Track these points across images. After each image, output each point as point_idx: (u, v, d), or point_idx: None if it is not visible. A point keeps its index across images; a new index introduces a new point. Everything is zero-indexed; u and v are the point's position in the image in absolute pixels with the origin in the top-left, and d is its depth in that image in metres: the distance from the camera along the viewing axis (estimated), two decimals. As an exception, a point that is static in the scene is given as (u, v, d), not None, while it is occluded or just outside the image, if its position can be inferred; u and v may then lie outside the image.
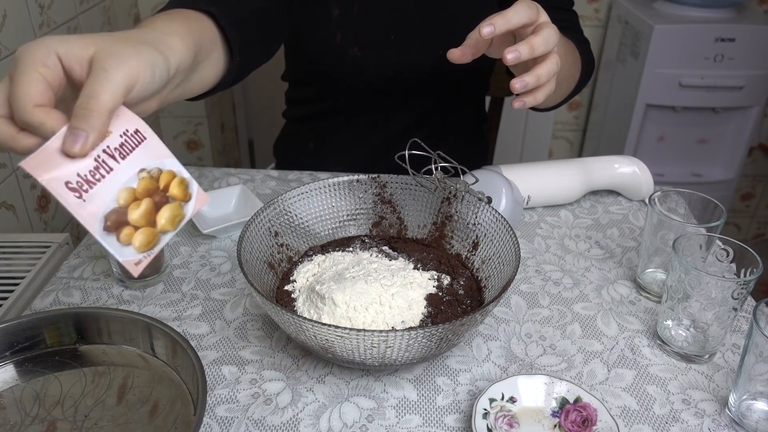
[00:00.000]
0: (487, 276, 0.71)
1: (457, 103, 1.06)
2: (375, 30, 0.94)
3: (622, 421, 0.61)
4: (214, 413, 0.61)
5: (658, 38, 1.74)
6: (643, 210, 0.94)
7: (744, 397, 0.60)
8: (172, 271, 0.80)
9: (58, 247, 0.84)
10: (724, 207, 0.72)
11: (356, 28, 0.93)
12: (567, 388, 0.61)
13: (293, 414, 0.61)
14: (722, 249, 0.66)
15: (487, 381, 0.65)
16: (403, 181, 0.79)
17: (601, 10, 2.04)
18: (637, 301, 0.77)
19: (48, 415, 0.59)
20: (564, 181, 0.92)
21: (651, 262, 0.77)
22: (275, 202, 0.74)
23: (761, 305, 0.58)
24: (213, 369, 0.66)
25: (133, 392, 0.62)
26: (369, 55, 0.94)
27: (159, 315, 0.73)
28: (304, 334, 0.58)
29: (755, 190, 2.29)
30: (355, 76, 0.96)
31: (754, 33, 1.73)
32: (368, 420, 0.61)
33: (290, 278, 0.72)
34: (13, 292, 0.76)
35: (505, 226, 0.70)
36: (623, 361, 0.68)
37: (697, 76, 1.77)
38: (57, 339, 0.66)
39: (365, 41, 0.94)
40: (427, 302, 0.67)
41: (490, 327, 0.72)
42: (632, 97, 1.84)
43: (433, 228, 0.79)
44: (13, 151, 0.46)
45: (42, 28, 1.14)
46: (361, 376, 0.65)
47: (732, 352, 0.69)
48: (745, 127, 1.87)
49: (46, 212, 1.17)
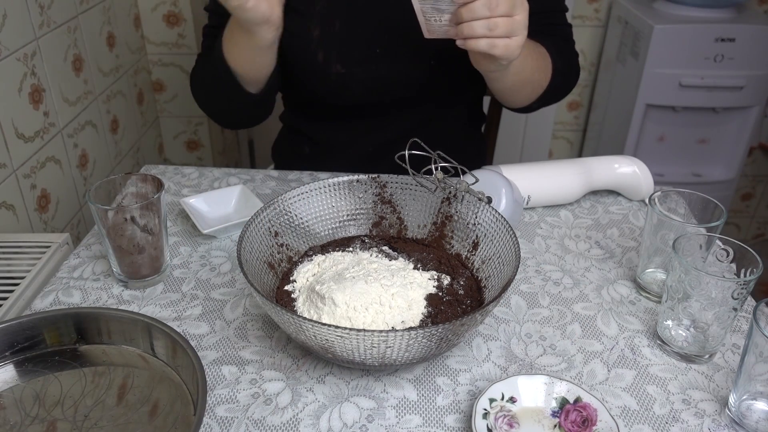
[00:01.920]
0: (487, 276, 0.71)
1: (454, 106, 1.06)
2: (359, 46, 0.92)
3: (622, 421, 0.61)
4: (214, 413, 0.61)
5: (658, 38, 1.73)
6: (643, 210, 0.94)
7: (744, 397, 0.60)
8: (172, 271, 0.80)
9: (58, 247, 0.84)
10: (724, 207, 0.72)
11: (339, 45, 0.92)
12: (567, 388, 0.61)
13: (293, 414, 0.61)
14: (722, 249, 0.66)
15: (487, 381, 0.65)
16: (403, 181, 0.79)
17: (601, 10, 2.04)
18: (637, 301, 0.77)
19: (48, 415, 0.59)
20: (564, 181, 0.92)
21: (651, 262, 0.77)
22: (275, 202, 0.74)
23: (761, 305, 0.58)
24: (213, 369, 0.66)
25: (133, 392, 0.62)
26: (354, 71, 0.93)
27: (159, 315, 0.73)
28: (304, 334, 0.58)
29: (755, 190, 2.29)
30: (340, 92, 0.95)
31: (754, 33, 1.73)
32: (368, 420, 0.61)
33: (290, 278, 0.72)
34: (13, 292, 0.76)
35: (505, 226, 0.70)
36: (623, 361, 0.68)
37: (697, 76, 1.77)
38: (57, 339, 0.66)
39: (349, 58, 0.93)
40: (427, 302, 0.67)
41: (490, 327, 0.72)
42: (632, 97, 1.84)
43: (433, 228, 0.79)
44: None
45: (42, 27, 1.14)
46: (361, 376, 0.65)
47: (732, 352, 0.69)
48: (745, 127, 1.87)
49: (46, 212, 1.17)
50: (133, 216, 0.72)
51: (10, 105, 1.05)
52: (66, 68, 1.24)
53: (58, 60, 1.20)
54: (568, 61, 0.98)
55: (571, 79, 1.00)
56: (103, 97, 1.41)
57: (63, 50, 1.22)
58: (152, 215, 0.74)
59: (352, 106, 1.00)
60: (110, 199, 0.77)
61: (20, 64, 1.07)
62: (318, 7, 0.90)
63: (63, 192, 1.23)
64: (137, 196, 0.78)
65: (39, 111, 1.14)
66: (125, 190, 0.78)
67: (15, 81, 1.06)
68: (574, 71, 1.01)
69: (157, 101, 1.73)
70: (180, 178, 1.01)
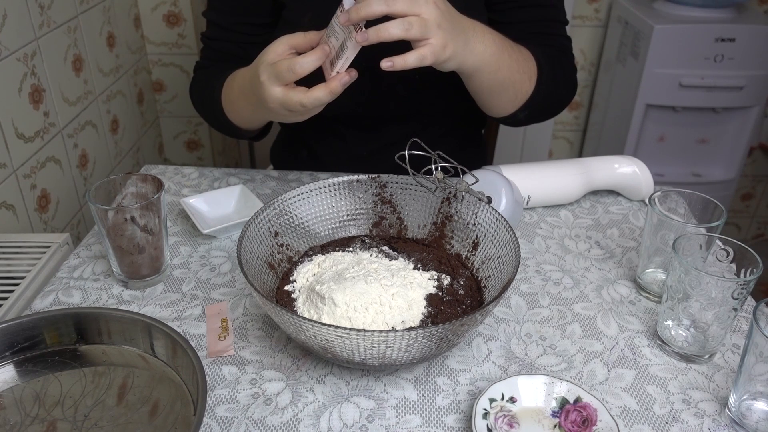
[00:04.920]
0: (487, 276, 0.71)
1: (451, 111, 1.04)
2: None
3: (622, 421, 0.61)
4: (214, 413, 0.61)
5: (658, 38, 1.73)
6: (643, 210, 0.94)
7: (744, 397, 0.60)
8: (172, 271, 0.80)
9: (58, 247, 0.84)
10: (724, 207, 0.72)
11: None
12: (567, 388, 0.61)
13: (293, 414, 0.61)
14: (722, 249, 0.66)
15: (487, 381, 0.65)
16: (403, 181, 0.79)
17: (601, 10, 2.04)
18: (637, 301, 0.77)
19: (48, 415, 0.59)
20: (564, 181, 0.92)
21: (651, 262, 0.77)
22: (275, 202, 0.74)
23: (761, 305, 0.58)
24: (213, 369, 0.66)
25: (133, 392, 0.62)
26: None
27: (159, 315, 0.73)
28: (304, 334, 0.58)
29: (755, 190, 2.29)
30: (329, 105, 0.91)
31: (754, 33, 1.73)
32: (368, 420, 0.61)
33: (290, 278, 0.72)
34: (13, 292, 0.76)
35: (505, 226, 0.70)
36: (623, 361, 0.68)
37: (697, 76, 1.77)
38: (57, 339, 0.66)
39: None
40: (427, 302, 0.67)
41: (490, 327, 0.72)
42: (632, 97, 1.84)
43: (433, 228, 0.79)
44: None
45: (42, 27, 1.14)
46: (361, 376, 0.65)
47: (732, 352, 0.69)
48: (745, 127, 1.87)
49: (46, 212, 1.17)
50: (133, 216, 0.72)
51: (10, 105, 1.05)
52: (66, 68, 1.24)
53: (58, 60, 1.20)
54: (563, 71, 0.92)
55: (564, 91, 0.94)
56: (103, 97, 1.41)
57: (63, 50, 1.22)
58: (152, 215, 0.74)
59: (345, 117, 0.99)
60: (110, 199, 0.77)
61: (20, 64, 1.07)
62: (306, 19, 0.90)
63: (63, 192, 1.23)
64: (137, 196, 0.78)
65: (39, 111, 1.14)
66: (125, 190, 0.78)
67: (15, 81, 1.06)
68: (569, 84, 0.95)
69: (157, 101, 1.73)
70: (180, 178, 1.01)
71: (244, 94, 0.82)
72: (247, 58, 0.97)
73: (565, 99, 0.95)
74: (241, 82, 0.84)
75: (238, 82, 0.85)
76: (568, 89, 0.95)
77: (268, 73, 0.72)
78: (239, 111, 0.87)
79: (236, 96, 0.85)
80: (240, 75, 0.85)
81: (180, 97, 1.73)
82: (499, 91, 0.84)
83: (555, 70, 0.89)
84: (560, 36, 0.95)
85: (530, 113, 0.90)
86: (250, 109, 0.84)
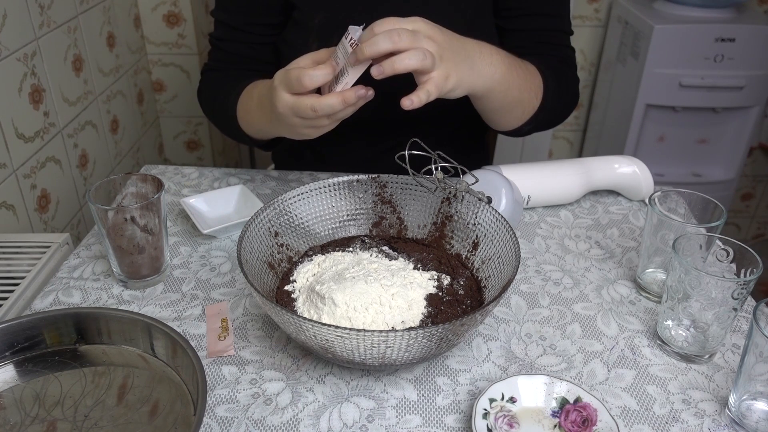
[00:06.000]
0: (487, 276, 0.71)
1: (455, 116, 1.04)
2: None
3: (622, 421, 0.61)
4: (214, 413, 0.61)
5: (658, 38, 1.73)
6: (643, 210, 0.94)
7: (744, 397, 0.60)
8: (172, 271, 0.80)
9: (58, 247, 0.84)
10: (724, 207, 0.72)
11: None
12: (567, 388, 0.61)
13: (293, 414, 0.61)
14: (722, 249, 0.66)
15: (487, 381, 0.65)
16: (403, 181, 0.79)
17: (601, 10, 2.04)
18: (637, 301, 0.77)
19: (48, 415, 0.59)
20: (564, 181, 0.92)
21: (651, 262, 0.77)
22: (275, 202, 0.74)
23: (761, 305, 0.58)
24: (213, 369, 0.66)
25: (133, 392, 0.62)
26: None
27: (159, 315, 0.73)
28: (304, 334, 0.58)
29: (755, 190, 2.29)
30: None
31: (754, 33, 1.73)
32: (368, 420, 0.61)
33: (290, 278, 0.72)
34: (13, 292, 0.76)
35: (505, 226, 0.70)
36: (623, 361, 0.68)
37: (697, 76, 1.77)
38: (57, 339, 0.66)
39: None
40: (427, 302, 0.67)
41: (490, 327, 0.72)
42: (632, 97, 1.84)
43: (433, 228, 0.79)
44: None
45: (42, 27, 1.14)
46: (361, 376, 0.65)
47: (732, 352, 0.69)
48: (745, 127, 1.87)
49: (46, 212, 1.17)
50: (133, 216, 0.72)
51: (10, 105, 1.05)
52: (66, 68, 1.24)
53: (58, 60, 1.20)
54: (566, 83, 0.93)
55: (567, 102, 0.95)
56: (103, 97, 1.41)
57: (63, 50, 1.22)
58: (152, 215, 0.74)
59: (351, 121, 0.99)
60: (110, 199, 0.77)
61: (20, 64, 1.07)
62: (317, 21, 0.90)
63: (63, 192, 1.23)
64: (137, 196, 0.78)
65: (39, 111, 1.14)
66: (125, 190, 0.78)
67: (15, 81, 1.06)
68: (572, 95, 0.96)
69: (157, 101, 1.73)
70: (180, 178, 1.01)
71: (261, 104, 0.82)
72: (257, 58, 0.97)
73: (567, 110, 0.97)
74: (261, 90, 0.83)
75: (258, 92, 0.85)
76: (571, 101, 0.96)
77: (280, 78, 0.72)
78: (253, 121, 0.86)
79: (255, 105, 0.85)
80: (261, 84, 0.85)
81: (180, 97, 1.73)
82: (509, 109, 0.85)
83: (560, 84, 0.90)
84: (564, 46, 0.96)
85: (534, 126, 0.91)
86: (264, 120, 0.83)
